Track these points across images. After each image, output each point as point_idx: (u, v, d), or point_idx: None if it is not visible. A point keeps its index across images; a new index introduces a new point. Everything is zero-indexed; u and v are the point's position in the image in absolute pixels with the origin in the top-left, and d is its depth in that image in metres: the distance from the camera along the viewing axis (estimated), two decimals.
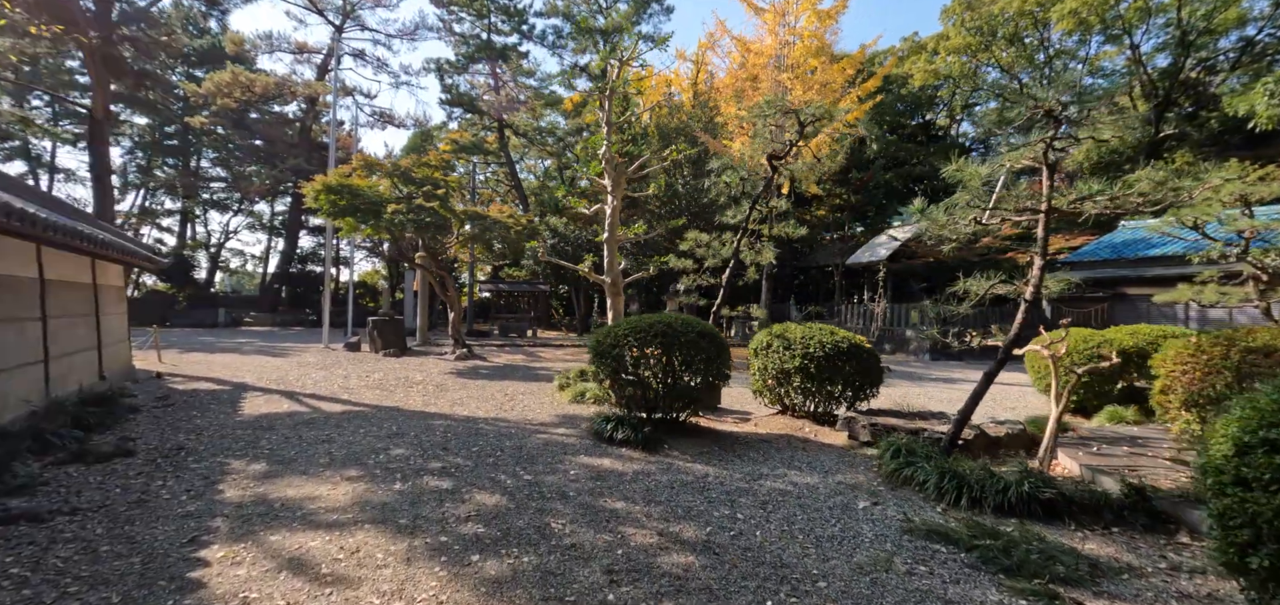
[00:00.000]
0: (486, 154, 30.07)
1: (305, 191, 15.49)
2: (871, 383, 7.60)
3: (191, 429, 7.16)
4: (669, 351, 6.68)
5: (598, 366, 7.27)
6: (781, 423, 8.04)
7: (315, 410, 8.67)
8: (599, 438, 6.88)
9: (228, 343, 19.46)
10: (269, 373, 12.42)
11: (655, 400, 6.98)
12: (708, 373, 6.87)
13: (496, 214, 18.38)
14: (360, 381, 11.63)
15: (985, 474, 4.85)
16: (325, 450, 6.33)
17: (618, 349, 6.97)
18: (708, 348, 6.82)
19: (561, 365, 15.79)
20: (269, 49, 30.05)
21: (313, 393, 10.20)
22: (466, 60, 30.48)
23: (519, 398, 10.19)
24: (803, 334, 7.71)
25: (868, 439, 6.65)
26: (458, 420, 8.16)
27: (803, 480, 5.55)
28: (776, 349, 7.84)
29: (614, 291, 9.88)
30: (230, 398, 9.49)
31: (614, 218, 9.92)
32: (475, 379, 12.54)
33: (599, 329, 7.43)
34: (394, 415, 8.40)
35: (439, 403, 9.55)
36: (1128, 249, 19.74)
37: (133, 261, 9.89)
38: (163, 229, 38.88)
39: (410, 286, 27.02)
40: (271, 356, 15.53)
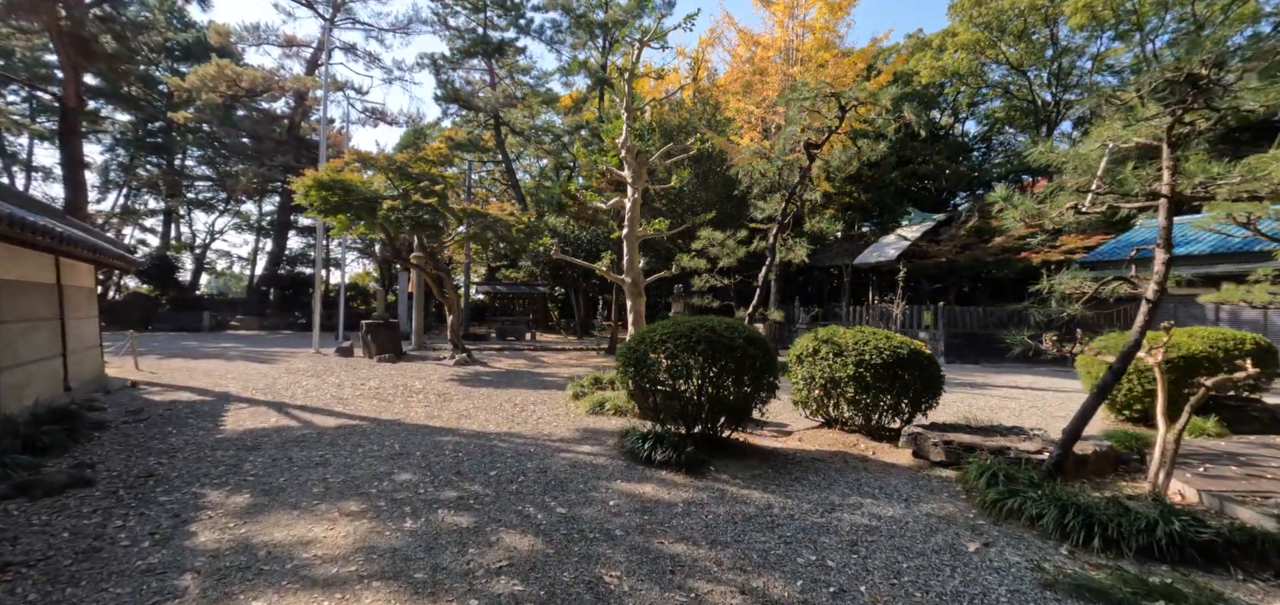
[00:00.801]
0: (483, 151, 29.14)
1: (295, 187, 14.54)
2: (932, 394, 6.81)
3: (164, 450, 6.24)
4: (714, 360, 5.85)
5: (628, 376, 6.43)
6: (828, 437, 7.22)
7: (306, 425, 7.77)
8: (634, 458, 6.04)
9: (212, 348, 18.45)
10: (255, 381, 11.48)
11: (694, 414, 6.14)
12: (756, 385, 6.03)
13: (497, 212, 17.50)
14: (355, 390, 10.72)
15: (1118, 508, 4.05)
16: (319, 475, 5.45)
17: (653, 357, 6.13)
18: (758, 357, 5.99)
19: (567, 370, 14.95)
20: (256, 41, 28.99)
21: (303, 404, 9.29)
22: (462, 55, 29.55)
23: (530, 408, 9.33)
24: (855, 338, 6.90)
25: (941, 459, 5.84)
26: (467, 436, 7.29)
27: (885, 512, 4.73)
28: (825, 355, 7.03)
29: (634, 292, 9.04)
30: (211, 410, 8.56)
31: (634, 212, 9.09)
32: (479, 387, 11.66)
33: (632, 335, 6.54)
34: (395, 430, 7.52)
35: (444, 415, 8.67)
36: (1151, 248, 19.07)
37: (103, 260, 8.95)
38: (146, 229, 37.66)
39: (404, 288, 26.06)
40: (258, 363, 14.57)
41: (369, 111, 32.02)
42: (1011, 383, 13.83)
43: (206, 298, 34.20)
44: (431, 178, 15.53)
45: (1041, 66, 29.70)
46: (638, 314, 9.07)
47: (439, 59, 29.64)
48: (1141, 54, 27.96)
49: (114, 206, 35.64)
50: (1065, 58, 29.20)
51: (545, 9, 30.17)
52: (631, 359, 6.37)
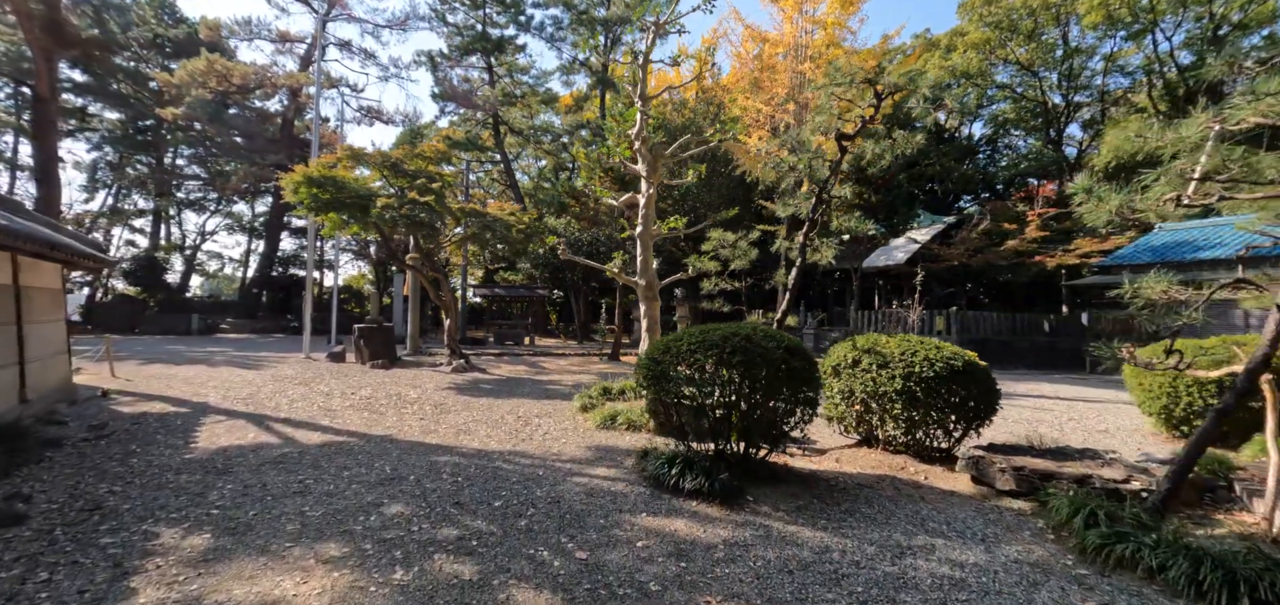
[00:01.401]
0: (482, 150, 28.39)
1: (284, 184, 13.79)
2: (988, 411, 6.08)
3: (121, 474, 5.48)
4: (750, 373, 5.12)
5: (650, 390, 5.68)
6: (869, 458, 6.49)
7: (288, 441, 7.00)
8: (658, 485, 5.29)
9: (197, 352, 17.64)
10: (238, 390, 10.69)
11: (725, 433, 5.41)
12: (796, 400, 5.30)
13: (497, 211, 16.77)
14: (344, 400, 9.94)
15: (1265, 561, 3.33)
16: (297, 507, 4.69)
17: (679, 369, 5.39)
18: (800, 370, 5.27)
19: (570, 378, 14.20)
20: (248, 36, 28.16)
21: (287, 416, 8.51)
22: (460, 52, 28.83)
23: (535, 421, 8.58)
24: (902, 348, 6.18)
25: (1011, 487, 5.11)
26: (467, 456, 6.53)
27: (965, 557, 4.00)
28: (867, 367, 6.30)
29: (649, 296, 8.30)
30: (184, 424, 7.78)
31: (649, 209, 8.36)
32: (478, 396, 10.90)
33: (653, 344, 5.80)
34: (386, 448, 6.76)
35: (441, 429, 7.91)
36: (1172, 251, 18.46)
37: (69, 259, 8.18)
38: (135, 230, 36.79)
39: (399, 291, 25.27)
40: (244, 369, 13.78)
41: (364, 110, 31.20)
42: (1037, 392, 13.13)
43: (196, 300, 33.34)
44: (429, 175, 14.80)
45: (1051, 67, 29.09)
46: (652, 319, 8.33)
47: (437, 56, 28.91)
48: (1153, 54, 27.41)
49: (102, 206, 34.81)
50: (1075, 58, 28.57)
51: (546, 5, 29.51)
52: (654, 372, 5.63)
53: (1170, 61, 26.29)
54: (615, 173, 18.07)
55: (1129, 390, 8.92)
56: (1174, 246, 18.80)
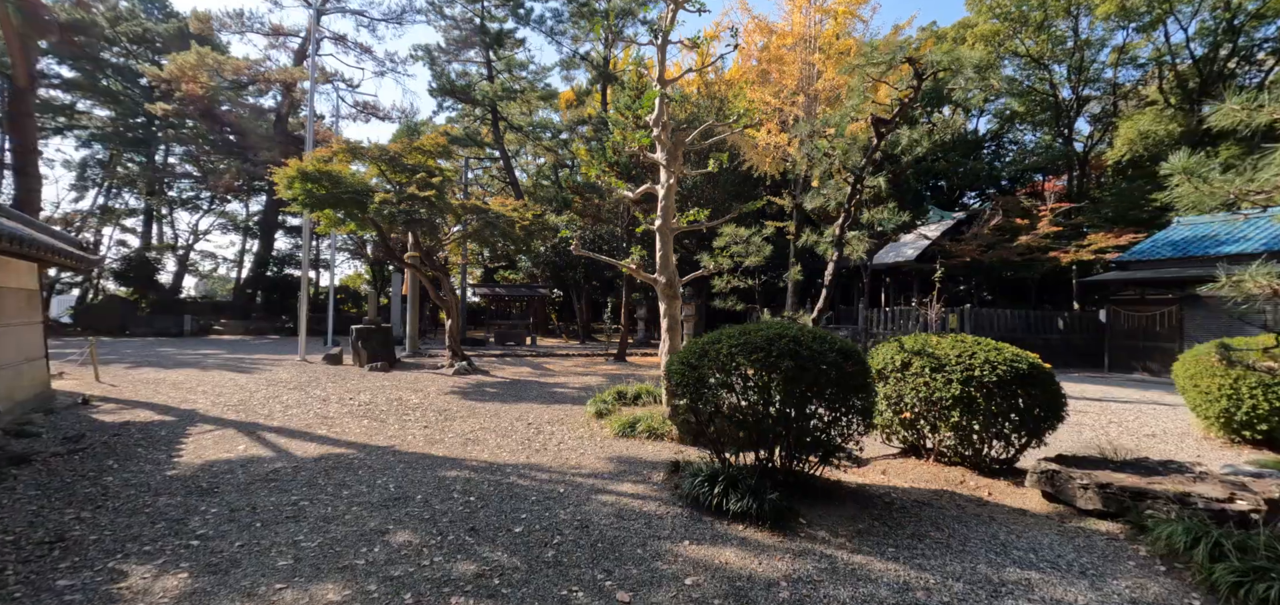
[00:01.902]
0: (480, 146, 27.77)
1: (277, 179, 13.17)
2: (1054, 418, 5.52)
3: (92, 496, 4.88)
4: (801, 379, 4.54)
5: (686, 398, 5.11)
6: (919, 469, 5.92)
7: (281, 455, 6.41)
8: (696, 506, 4.72)
9: (190, 355, 17.00)
10: (229, 395, 10.09)
11: (770, 446, 4.85)
12: (850, 409, 4.74)
13: (499, 208, 16.17)
14: (342, 406, 9.35)
15: None
16: (289, 537, 4.11)
17: (718, 375, 4.82)
18: (855, 375, 4.70)
19: (577, 380, 13.65)
20: (240, 29, 27.46)
21: (280, 425, 7.92)
22: (458, 46, 28.18)
23: (547, 429, 8.00)
24: (958, 350, 5.62)
25: (1096, 506, 4.54)
26: (479, 470, 5.95)
27: (1069, 596, 3.43)
28: (918, 371, 5.73)
29: (669, 294, 7.72)
30: (169, 435, 7.18)
31: (669, 199, 7.77)
32: (484, 400, 10.32)
33: (685, 348, 5.23)
34: (389, 462, 6.17)
35: (447, 439, 7.33)
36: (1194, 246, 17.97)
37: (44, 258, 7.56)
38: (126, 229, 36.01)
39: (398, 290, 24.69)
40: (237, 372, 13.16)
41: (360, 106, 30.58)
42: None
43: (189, 301, 32.61)
44: (428, 170, 14.20)
45: (1061, 60, 28.56)
46: (673, 319, 7.75)
47: (434, 50, 28.25)
48: (1165, 45, 26.90)
49: (92, 205, 34.06)
50: (1086, 51, 28.04)
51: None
52: (687, 378, 5.05)
53: (1184, 52, 25.77)
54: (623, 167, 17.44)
55: (1181, 391, 8.38)
56: (1195, 242, 18.30)
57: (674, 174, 7.77)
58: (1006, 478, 5.56)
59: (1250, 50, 25.49)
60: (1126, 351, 18.34)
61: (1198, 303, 16.97)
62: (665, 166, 7.80)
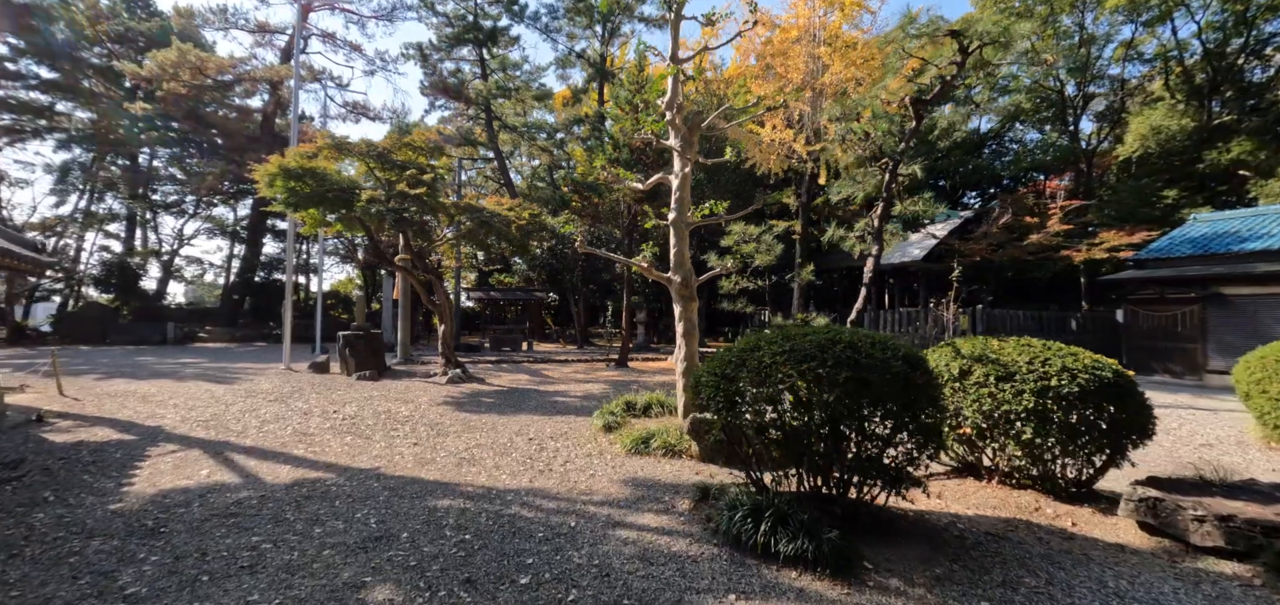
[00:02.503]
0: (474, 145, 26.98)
1: (258, 176, 12.37)
2: (1140, 433, 4.78)
3: (13, 539, 4.07)
4: (864, 393, 3.80)
5: (720, 415, 4.35)
6: (982, 493, 5.18)
7: (249, 481, 5.61)
8: (736, 544, 3.95)
9: (168, 364, 16.13)
10: (201, 409, 9.26)
11: (825, 471, 4.10)
12: (918, 428, 3.99)
13: (494, 207, 15.39)
14: (324, 420, 8.55)
15: None
16: (241, 595, 3.32)
17: (761, 388, 4.06)
18: (924, 387, 3.96)
19: (579, 388, 12.89)
20: (224, 26, 26.59)
21: (253, 444, 7.11)
22: (451, 43, 27.39)
23: (550, 446, 7.22)
24: (1027, 355, 4.89)
25: (1218, 544, 3.81)
26: (474, 498, 5.18)
27: None
28: (980, 380, 5.00)
29: (685, 295, 6.97)
30: (125, 458, 6.37)
31: (684, 190, 7.03)
32: (480, 412, 9.53)
33: (717, 355, 4.45)
34: (372, 489, 5.38)
35: (439, 459, 6.54)
36: (1216, 243, 17.35)
37: None
38: (110, 235, 34.96)
39: (388, 295, 23.82)
40: (214, 383, 12.32)
41: (350, 106, 29.68)
42: None
43: (173, 308, 31.65)
44: (419, 167, 13.44)
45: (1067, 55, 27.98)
46: (690, 323, 7.00)
47: (426, 47, 27.45)
48: (1172, 40, 26.42)
49: (74, 210, 33.03)
50: (1092, 47, 27.48)
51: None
52: (720, 391, 4.29)
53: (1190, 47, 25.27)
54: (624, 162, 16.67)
55: (1243, 397, 7.68)
56: (1216, 238, 17.69)
57: (689, 162, 7.03)
58: (1087, 503, 4.82)
59: (1259, 45, 24.96)
60: (1146, 352, 17.68)
61: (1222, 301, 16.37)
62: (680, 153, 7.06)
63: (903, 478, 3.95)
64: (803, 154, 18.92)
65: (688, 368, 7.09)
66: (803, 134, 19.08)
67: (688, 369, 7.09)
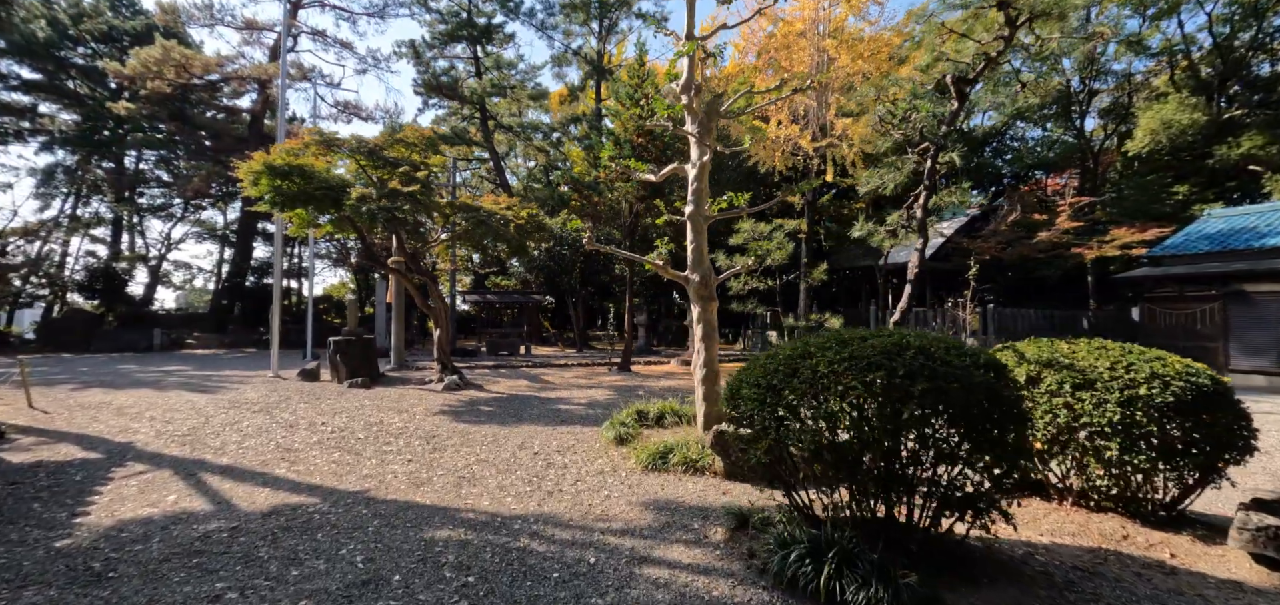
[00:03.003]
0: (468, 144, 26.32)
1: (241, 173, 11.71)
2: (1239, 448, 4.19)
3: None
4: (946, 409, 3.19)
5: (765, 434, 3.74)
6: (1057, 518, 4.58)
7: (221, 507, 4.97)
8: (791, 588, 3.34)
9: (151, 372, 15.42)
10: (179, 422, 8.60)
11: (899, 496, 3.49)
12: (1004, 449, 3.38)
13: (492, 206, 14.76)
14: (311, 434, 7.90)
15: None
16: None
17: (820, 401, 3.45)
18: (1011, 401, 3.36)
19: (582, 394, 12.27)
20: (210, 22, 25.87)
21: (231, 462, 6.46)
22: (444, 40, 26.74)
23: (557, 460, 6.60)
24: (1110, 361, 4.31)
25: None
26: (477, 526, 4.55)
27: None
28: (1053, 388, 4.40)
29: (704, 295, 6.36)
30: (85, 481, 5.71)
31: (702, 180, 6.43)
32: (478, 422, 8.90)
33: (755, 362, 3.83)
34: (361, 517, 4.75)
35: (436, 478, 5.91)
36: (1233, 239, 16.86)
37: None
38: (96, 239, 34.09)
39: (382, 298, 23.14)
40: (197, 393, 11.65)
41: (341, 105, 28.99)
42: None
43: (160, 314, 30.83)
44: (413, 163, 12.81)
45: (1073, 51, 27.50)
46: (709, 325, 6.39)
47: (419, 44, 26.80)
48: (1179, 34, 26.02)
49: (58, 214, 32.17)
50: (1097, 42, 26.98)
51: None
52: (765, 407, 3.68)
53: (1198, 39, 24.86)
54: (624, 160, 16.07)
55: None
56: (1234, 234, 17.20)
57: (708, 149, 6.43)
58: (1181, 529, 4.23)
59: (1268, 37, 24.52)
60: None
61: (1243, 299, 15.87)
62: (697, 140, 6.45)
63: (988, 504, 3.34)
64: (809, 150, 18.38)
65: (708, 374, 6.48)
66: (808, 130, 18.54)
67: (708, 376, 6.48)
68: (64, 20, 26.19)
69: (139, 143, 28.81)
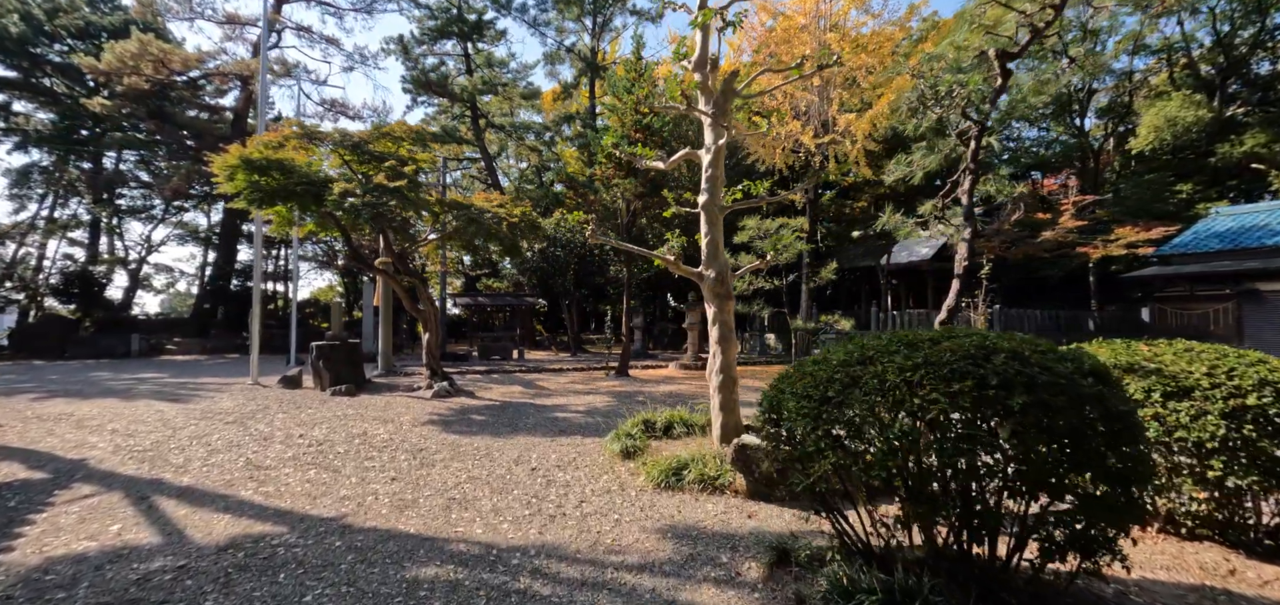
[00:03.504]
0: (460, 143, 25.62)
1: (216, 168, 10.98)
2: None
3: None
4: (1050, 426, 2.58)
5: (820, 457, 3.11)
6: (1143, 546, 3.96)
7: (171, 539, 4.29)
8: None
9: (123, 380, 14.63)
10: (143, 436, 7.87)
11: (972, 530, 2.87)
12: (1121, 474, 2.76)
13: (484, 203, 14.09)
14: (286, 448, 7.20)
15: None
16: None
17: (891, 417, 2.83)
18: (1125, 415, 2.74)
19: (579, 400, 11.62)
20: (189, 16, 24.99)
21: (192, 483, 5.76)
22: (433, 36, 26.03)
23: (558, 477, 5.95)
24: (1206, 366, 3.72)
25: None
26: (470, 561, 3.91)
27: None
28: (1140, 396, 3.81)
29: (720, 293, 5.74)
30: (22, 505, 5.01)
31: (717, 167, 5.81)
32: (470, 433, 8.23)
33: (800, 367, 3.18)
34: (334, 551, 4.09)
35: (423, 499, 5.25)
36: (1246, 237, 16.46)
37: None
38: (74, 242, 33.06)
39: (370, 301, 22.39)
40: (169, 402, 10.90)
41: (327, 103, 28.14)
42: None
43: (140, 319, 29.88)
44: (400, 158, 12.13)
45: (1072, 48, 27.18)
46: (725, 327, 5.78)
47: (408, 40, 26.07)
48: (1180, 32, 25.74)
49: (34, 216, 31.14)
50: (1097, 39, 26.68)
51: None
52: (818, 424, 3.06)
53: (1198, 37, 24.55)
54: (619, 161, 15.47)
55: None
56: (1244, 232, 16.79)
57: (724, 132, 5.81)
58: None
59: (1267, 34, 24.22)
60: None
61: (1257, 298, 15.45)
62: (712, 123, 5.84)
63: (1104, 545, 2.72)
64: (810, 147, 17.82)
65: (726, 380, 5.86)
66: (810, 126, 17.99)
67: (726, 382, 5.86)
68: (39, 15, 25.27)
69: (118, 142, 27.89)
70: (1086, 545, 2.67)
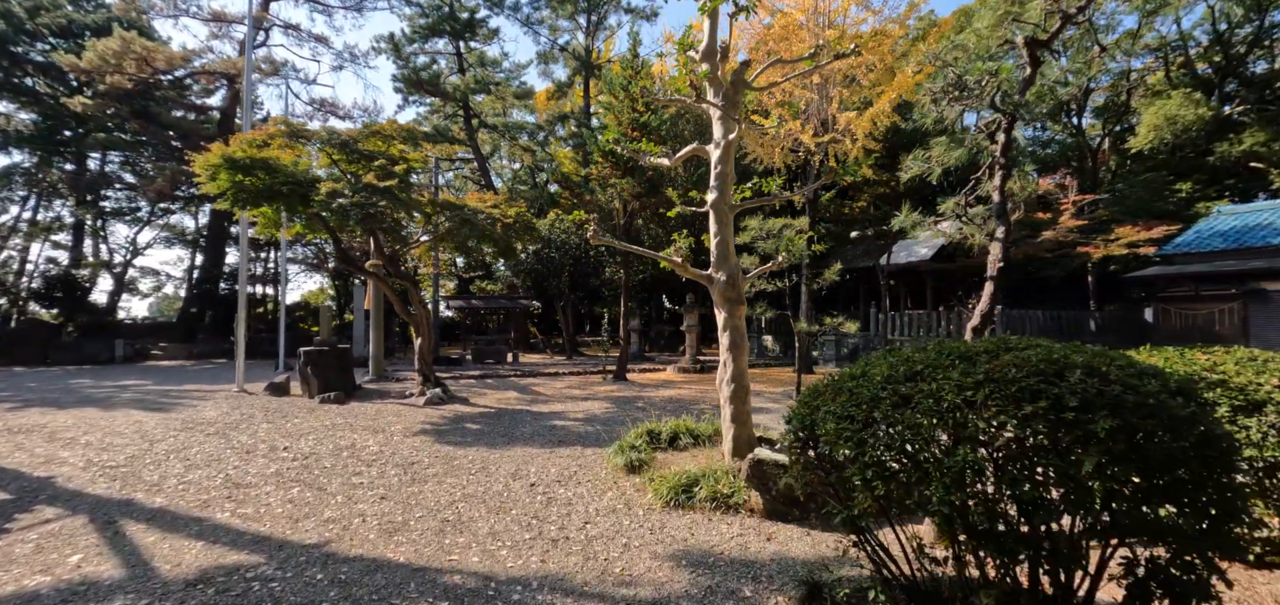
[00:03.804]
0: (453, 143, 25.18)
1: (197, 167, 10.56)
2: None
3: None
4: (1137, 454, 2.22)
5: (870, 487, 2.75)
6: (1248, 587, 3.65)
7: (135, 572, 3.89)
8: None
9: (105, 388, 14.14)
10: (118, 449, 7.44)
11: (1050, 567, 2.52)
12: (1218, 507, 2.41)
13: (477, 203, 13.70)
14: (270, 462, 6.79)
15: None
16: None
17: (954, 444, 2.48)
18: (1218, 440, 2.39)
19: (577, 407, 11.24)
20: (174, 13, 24.45)
21: (164, 504, 5.35)
22: (425, 34, 25.59)
23: (559, 494, 5.58)
24: (1278, 377, 3.37)
25: None
26: (464, 595, 3.54)
27: None
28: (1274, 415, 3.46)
29: (731, 297, 5.40)
30: None
31: (727, 163, 5.47)
32: (464, 444, 7.84)
33: (842, 377, 2.80)
34: (313, 586, 3.70)
35: (414, 521, 4.86)
36: (1249, 237, 16.26)
37: None
38: (58, 245, 32.40)
39: (361, 304, 21.92)
40: (150, 412, 10.45)
41: (316, 103, 27.62)
42: None
43: (125, 323, 29.29)
44: (391, 157, 11.74)
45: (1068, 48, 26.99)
46: (737, 332, 5.43)
47: (399, 38, 25.62)
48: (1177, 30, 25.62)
49: (15, 219, 30.46)
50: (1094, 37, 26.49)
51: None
52: (864, 447, 2.70)
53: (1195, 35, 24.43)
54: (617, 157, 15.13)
55: None
56: (1248, 231, 16.59)
57: (734, 126, 5.46)
58: None
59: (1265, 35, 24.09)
60: None
61: (1263, 298, 15.24)
62: (722, 116, 5.48)
63: (1201, 593, 2.37)
64: (810, 146, 17.54)
65: (737, 390, 5.51)
66: (810, 126, 17.72)
67: (738, 391, 5.51)
68: (19, 13, 24.67)
69: (101, 143, 27.28)
70: (1182, 593, 2.32)
